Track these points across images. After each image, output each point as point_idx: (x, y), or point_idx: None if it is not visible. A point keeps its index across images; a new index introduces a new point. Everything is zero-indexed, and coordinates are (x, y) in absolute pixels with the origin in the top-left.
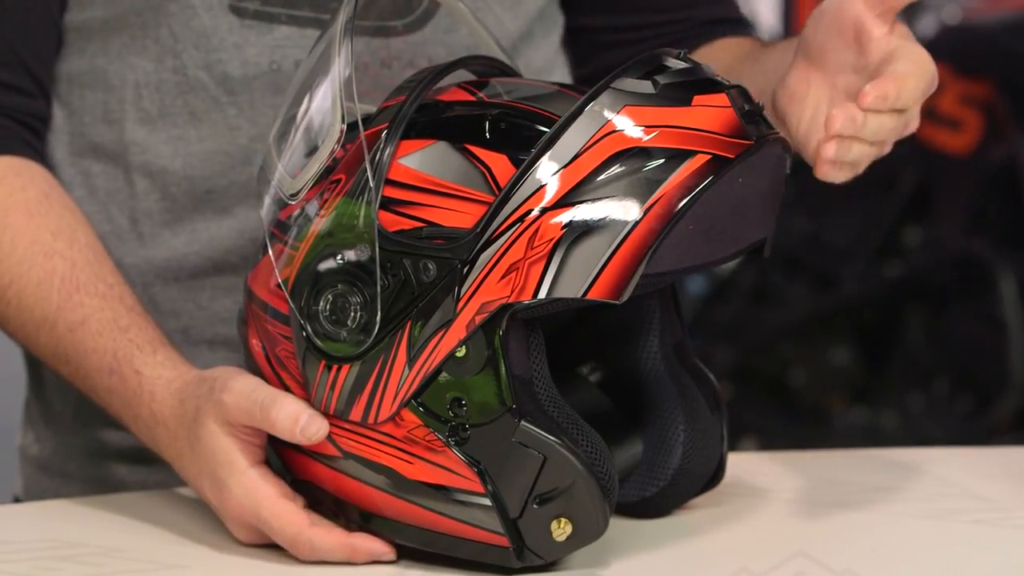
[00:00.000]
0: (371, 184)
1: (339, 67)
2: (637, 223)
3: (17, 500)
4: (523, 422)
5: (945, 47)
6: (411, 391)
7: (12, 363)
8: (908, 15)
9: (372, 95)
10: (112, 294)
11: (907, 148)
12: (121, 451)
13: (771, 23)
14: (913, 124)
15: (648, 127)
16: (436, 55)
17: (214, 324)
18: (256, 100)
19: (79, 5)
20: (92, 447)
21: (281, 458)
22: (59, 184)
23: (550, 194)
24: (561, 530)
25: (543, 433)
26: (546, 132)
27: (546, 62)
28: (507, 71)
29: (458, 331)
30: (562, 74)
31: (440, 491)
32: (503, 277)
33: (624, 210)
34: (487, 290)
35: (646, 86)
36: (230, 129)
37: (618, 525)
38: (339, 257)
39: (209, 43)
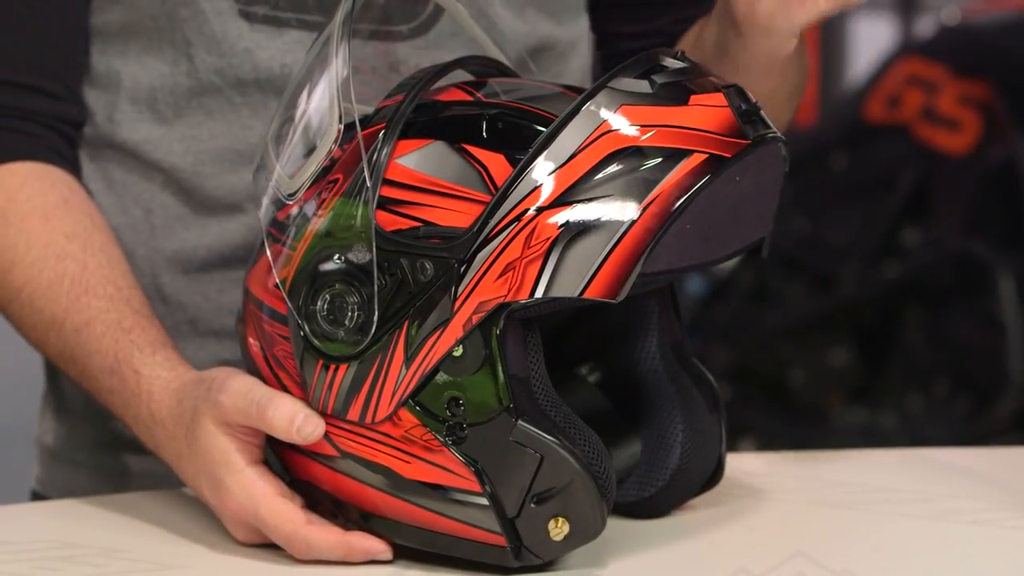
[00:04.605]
0: (368, 184)
1: (336, 67)
2: (634, 222)
3: (35, 493)
4: (520, 421)
5: (944, 48)
6: (408, 391)
7: (27, 362)
8: (907, 17)
9: (379, 98)
10: (120, 296)
11: (906, 148)
12: (132, 441)
13: None
14: None
15: (645, 126)
16: (442, 59)
17: (222, 316)
18: (269, 101)
19: (100, 8)
20: (104, 437)
21: (279, 458)
22: (82, 190)
23: (547, 193)
24: (559, 529)
25: (540, 432)
26: (543, 132)
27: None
28: (505, 71)
29: (455, 330)
30: None
31: (438, 490)
32: (500, 276)
33: (621, 209)
34: (484, 289)
35: (643, 85)
36: (243, 129)
37: (616, 525)
38: (337, 257)
39: (220, 48)
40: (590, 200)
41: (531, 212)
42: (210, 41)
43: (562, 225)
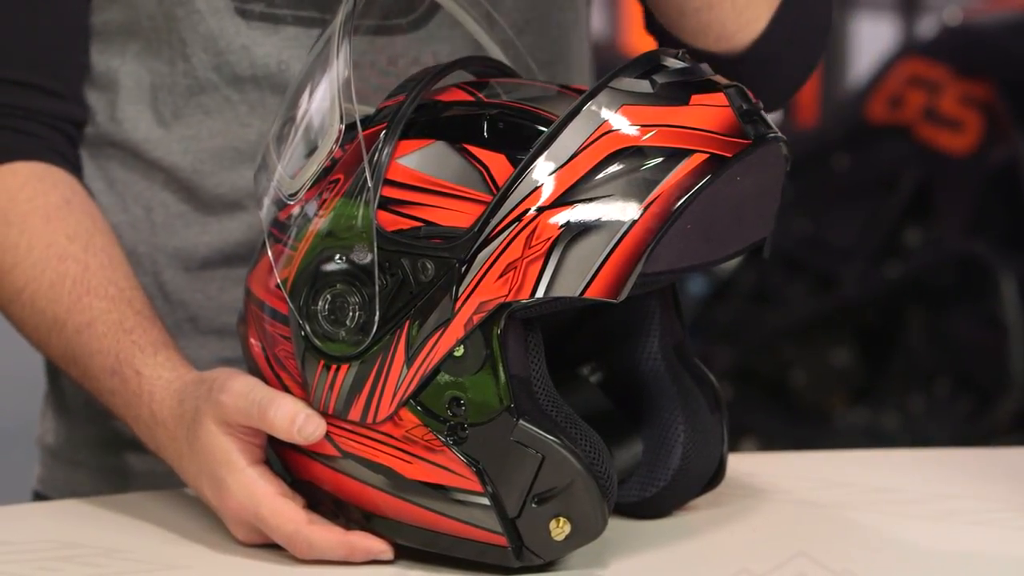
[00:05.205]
0: (369, 184)
1: (338, 67)
2: (635, 222)
3: (36, 493)
4: (521, 421)
5: (946, 48)
6: (409, 391)
7: (28, 362)
8: (909, 17)
9: (378, 94)
10: (122, 297)
11: (908, 149)
12: (133, 440)
13: None
14: None
15: (645, 126)
16: (441, 51)
17: (223, 314)
18: (266, 98)
19: (99, 8)
20: (105, 436)
21: (281, 458)
22: (84, 191)
23: (547, 193)
24: (560, 529)
25: (541, 432)
26: (544, 132)
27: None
28: (506, 72)
29: (456, 330)
30: (565, 65)
31: (439, 491)
32: (501, 276)
33: (622, 209)
34: (485, 289)
35: (644, 85)
36: (241, 126)
37: (618, 525)
38: (338, 257)
39: (217, 46)
40: (591, 200)
41: (532, 212)
42: (206, 40)
43: (563, 225)
